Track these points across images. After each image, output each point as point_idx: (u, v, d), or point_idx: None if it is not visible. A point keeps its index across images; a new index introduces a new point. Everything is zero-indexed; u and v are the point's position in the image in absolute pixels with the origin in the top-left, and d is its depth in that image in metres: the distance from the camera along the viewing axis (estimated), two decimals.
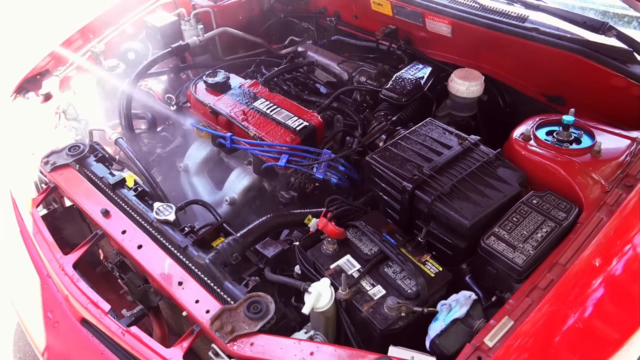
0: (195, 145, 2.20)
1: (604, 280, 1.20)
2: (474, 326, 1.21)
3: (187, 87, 2.21)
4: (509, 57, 2.07)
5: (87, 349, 1.46)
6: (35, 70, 2.29)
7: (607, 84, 1.82)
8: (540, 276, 1.24)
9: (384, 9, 2.40)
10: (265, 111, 1.98)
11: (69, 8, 5.00)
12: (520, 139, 1.63)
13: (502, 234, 1.37)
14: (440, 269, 1.40)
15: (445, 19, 2.18)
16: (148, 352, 1.29)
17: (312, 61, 2.52)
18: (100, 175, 1.79)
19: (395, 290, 1.36)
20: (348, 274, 1.40)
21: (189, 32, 2.56)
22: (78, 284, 1.49)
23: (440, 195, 1.46)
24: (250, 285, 1.43)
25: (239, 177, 2.05)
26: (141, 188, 1.79)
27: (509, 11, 2.09)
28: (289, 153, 1.80)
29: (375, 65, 2.37)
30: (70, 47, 2.38)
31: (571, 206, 1.43)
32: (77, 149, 1.86)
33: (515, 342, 1.08)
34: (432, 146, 1.65)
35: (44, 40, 2.55)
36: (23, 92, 2.24)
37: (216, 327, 1.24)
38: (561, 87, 1.97)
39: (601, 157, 1.53)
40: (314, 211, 1.72)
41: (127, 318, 1.45)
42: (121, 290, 1.65)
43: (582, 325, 1.12)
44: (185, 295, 1.36)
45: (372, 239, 1.47)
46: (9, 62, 3.97)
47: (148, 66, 2.23)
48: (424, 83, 2.13)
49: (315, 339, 1.31)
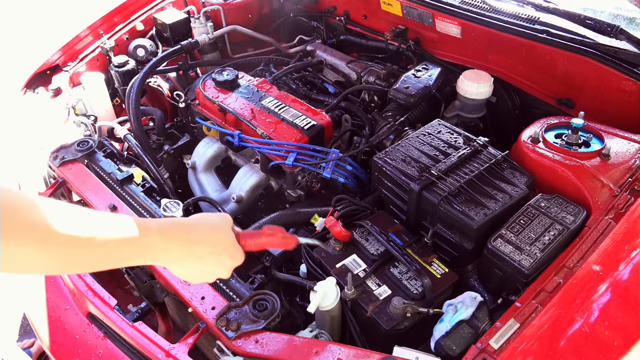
0: (203, 143, 2.20)
1: (611, 285, 1.19)
2: (479, 328, 1.21)
3: (196, 85, 2.21)
4: (518, 59, 2.06)
5: (93, 343, 1.46)
6: (45, 65, 2.30)
7: (617, 87, 1.81)
8: (547, 279, 1.23)
9: (394, 9, 2.39)
10: (274, 109, 1.98)
11: (80, 4, 5.02)
12: (528, 141, 1.63)
13: (509, 236, 1.37)
14: (446, 270, 1.40)
15: (455, 20, 2.18)
16: (153, 347, 1.29)
17: (321, 60, 2.52)
18: (108, 170, 1.80)
19: (400, 290, 1.36)
20: (354, 273, 1.40)
21: (199, 29, 2.56)
22: (85, 279, 1.50)
23: (448, 196, 1.46)
24: (256, 283, 1.43)
25: (246, 175, 2.05)
26: (149, 184, 1.80)
27: (520, 13, 2.07)
28: (296, 152, 1.80)
29: (384, 66, 2.37)
30: (80, 43, 2.40)
31: (579, 209, 1.43)
32: (86, 144, 1.88)
33: (520, 345, 1.08)
34: (440, 147, 1.65)
35: (54, 36, 2.56)
36: (33, 87, 2.25)
37: (221, 323, 1.25)
38: (571, 90, 1.96)
39: (610, 161, 1.52)
40: (321, 210, 1.72)
41: (133, 313, 1.46)
42: (127, 286, 1.65)
43: (588, 329, 1.12)
44: (191, 291, 1.37)
45: (379, 239, 1.47)
46: (20, 57, 3.99)
47: (157, 63, 2.23)
48: (432, 84, 2.13)
49: (320, 337, 1.31)
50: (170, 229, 0.93)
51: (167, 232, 0.92)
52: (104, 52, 2.40)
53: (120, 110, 2.47)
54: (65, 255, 0.76)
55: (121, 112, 2.45)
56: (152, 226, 0.89)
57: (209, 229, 1.00)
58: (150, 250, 0.90)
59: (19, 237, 0.69)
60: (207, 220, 1.02)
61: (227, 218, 1.05)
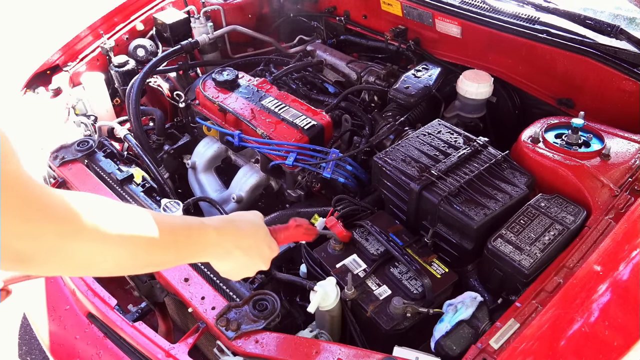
0: (203, 143, 2.20)
1: (611, 285, 1.19)
2: (479, 328, 1.21)
3: (196, 85, 2.21)
4: (518, 59, 2.06)
5: (93, 343, 1.47)
6: (45, 65, 2.30)
7: (617, 87, 1.81)
8: (547, 279, 1.23)
9: (394, 9, 2.39)
10: (274, 109, 1.99)
11: (80, 4, 5.02)
12: (528, 141, 1.63)
13: (509, 236, 1.37)
14: (446, 270, 1.40)
15: (455, 20, 2.18)
16: (153, 347, 1.29)
17: (321, 60, 2.52)
18: (108, 170, 1.80)
19: (400, 290, 1.36)
20: (354, 273, 1.40)
21: (199, 29, 2.56)
22: (85, 279, 1.50)
23: (448, 196, 1.46)
24: (256, 283, 1.43)
25: (246, 175, 2.05)
26: (149, 184, 1.80)
27: (520, 13, 2.07)
28: (296, 152, 1.80)
29: (384, 66, 2.37)
30: (80, 43, 2.40)
31: (579, 209, 1.43)
32: (86, 144, 1.88)
33: (520, 345, 1.08)
34: (440, 147, 1.65)
35: (54, 36, 2.56)
36: (33, 87, 2.25)
37: (221, 323, 1.25)
38: (571, 90, 1.96)
39: (610, 161, 1.52)
40: (321, 210, 1.72)
41: (133, 313, 1.46)
42: (127, 286, 1.65)
43: (588, 329, 1.12)
44: (191, 291, 1.37)
45: (379, 239, 1.47)
46: (20, 57, 3.99)
47: (157, 63, 2.23)
48: (432, 84, 2.13)
49: (320, 337, 1.31)
50: (224, 225, 1.00)
51: (222, 228, 0.98)
52: (104, 52, 2.40)
53: (120, 110, 2.47)
54: (143, 257, 0.81)
55: (121, 112, 2.45)
56: (209, 224, 0.95)
57: (249, 223, 1.07)
58: (209, 247, 0.96)
59: (111, 241, 0.73)
60: (245, 216, 1.10)
61: (259, 214, 1.14)
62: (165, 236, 0.82)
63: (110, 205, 0.76)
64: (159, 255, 0.84)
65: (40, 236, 0.64)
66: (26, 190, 0.62)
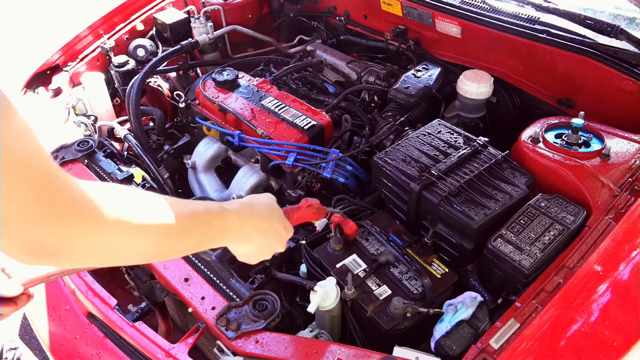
0: (203, 143, 2.20)
1: (611, 285, 1.19)
2: (479, 328, 1.21)
3: (196, 85, 2.21)
4: (518, 59, 2.06)
5: (93, 343, 1.46)
6: (45, 65, 2.30)
7: (617, 87, 1.81)
8: (547, 279, 1.23)
9: (394, 9, 2.39)
10: (274, 109, 1.99)
11: (80, 4, 5.02)
12: (528, 141, 1.63)
13: (509, 236, 1.37)
14: (446, 270, 1.40)
15: (455, 20, 2.17)
16: (153, 347, 1.29)
17: (321, 60, 2.52)
18: (108, 170, 1.80)
19: (401, 290, 1.36)
20: (354, 273, 1.40)
21: (199, 29, 2.56)
22: (85, 278, 1.50)
23: (448, 196, 1.46)
24: (256, 283, 1.43)
25: (247, 175, 2.05)
26: (149, 184, 1.80)
27: (520, 13, 2.07)
28: (296, 152, 1.80)
29: (384, 66, 2.37)
30: (80, 43, 2.40)
31: (579, 209, 1.43)
32: (86, 144, 1.87)
33: (520, 345, 1.08)
34: (440, 147, 1.65)
35: (54, 36, 2.55)
36: (33, 87, 2.25)
37: (221, 323, 1.25)
38: (571, 90, 1.95)
39: (610, 161, 1.52)
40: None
41: (133, 313, 1.46)
42: (127, 286, 1.65)
43: (588, 329, 1.12)
44: (191, 291, 1.37)
45: (379, 239, 1.47)
46: (20, 57, 3.99)
47: (157, 63, 2.23)
48: (432, 84, 2.13)
49: (320, 337, 1.31)
50: (242, 209, 1.02)
51: (241, 212, 1.00)
52: (104, 52, 2.40)
53: (120, 110, 2.47)
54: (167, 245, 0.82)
55: (121, 112, 2.44)
56: (228, 208, 0.97)
57: (265, 206, 1.09)
58: (230, 232, 0.98)
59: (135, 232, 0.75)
60: (260, 199, 1.11)
61: (272, 196, 1.14)
62: (187, 223, 0.83)
63: (132, 194, 0.77)
64: (182, 243, 0.85)
65: (64, 232, 0.65)
66: (52, 185, 0.63)
